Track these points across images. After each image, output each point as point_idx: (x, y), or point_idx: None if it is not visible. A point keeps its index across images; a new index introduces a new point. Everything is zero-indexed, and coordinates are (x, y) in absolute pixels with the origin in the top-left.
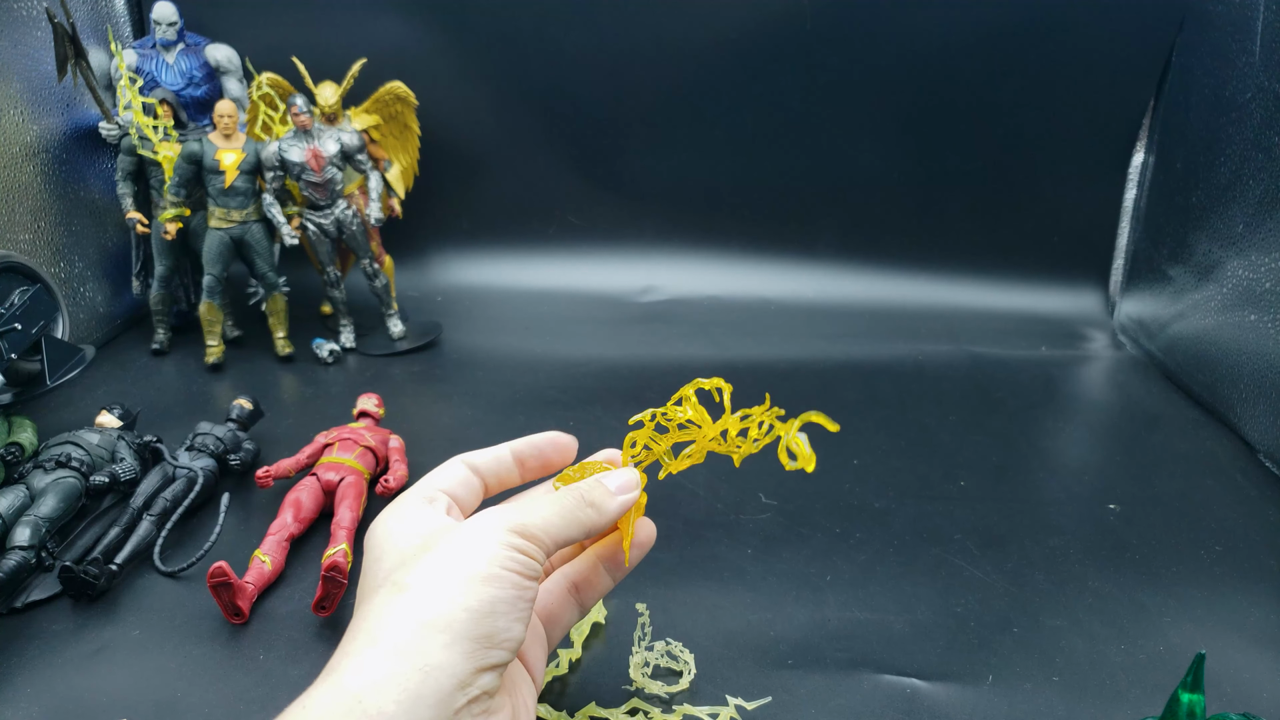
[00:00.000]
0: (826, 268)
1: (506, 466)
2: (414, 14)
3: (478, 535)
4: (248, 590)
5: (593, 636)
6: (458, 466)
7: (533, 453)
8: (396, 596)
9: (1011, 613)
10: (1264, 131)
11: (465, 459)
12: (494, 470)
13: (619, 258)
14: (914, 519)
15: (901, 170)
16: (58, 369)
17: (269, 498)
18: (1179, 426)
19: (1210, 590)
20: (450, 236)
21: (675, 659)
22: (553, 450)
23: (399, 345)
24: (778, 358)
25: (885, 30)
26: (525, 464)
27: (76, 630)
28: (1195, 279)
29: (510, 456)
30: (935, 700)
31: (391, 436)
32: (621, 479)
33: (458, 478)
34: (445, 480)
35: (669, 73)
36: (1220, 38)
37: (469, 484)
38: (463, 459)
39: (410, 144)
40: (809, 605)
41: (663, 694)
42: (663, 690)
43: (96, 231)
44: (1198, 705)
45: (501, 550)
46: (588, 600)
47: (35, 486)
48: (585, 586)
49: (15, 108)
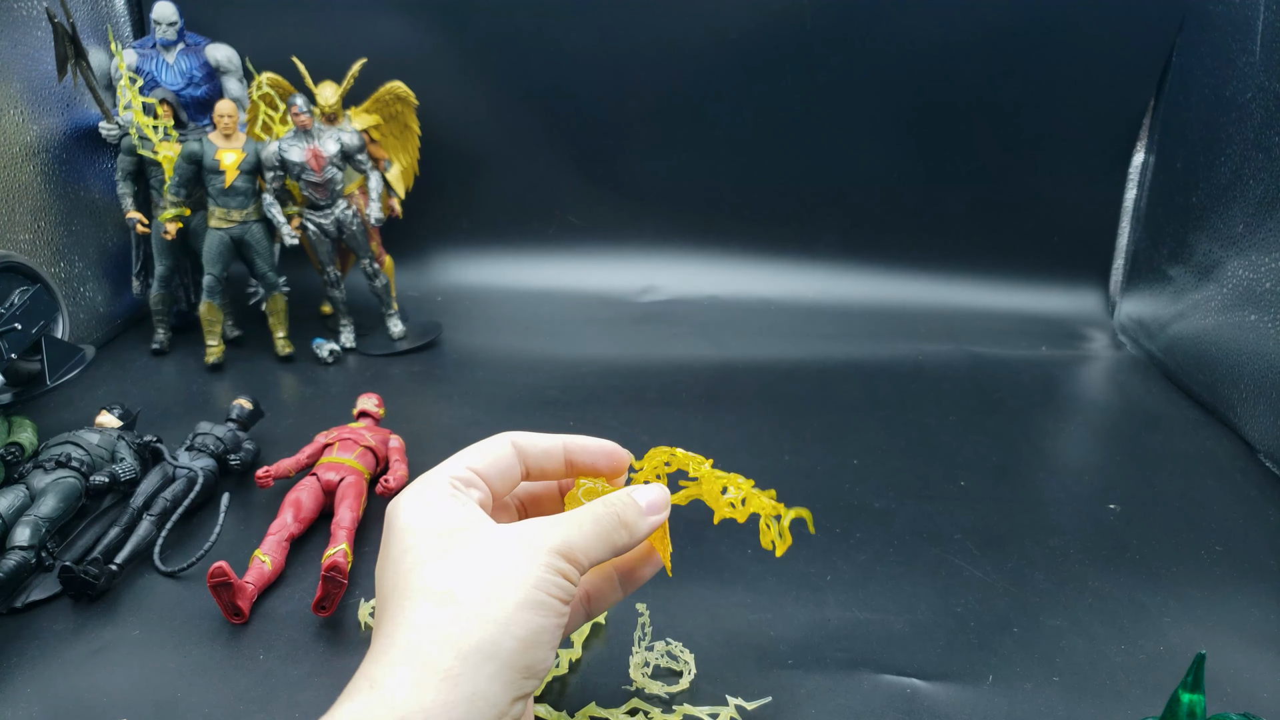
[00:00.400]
0: (826, 268)
1: (555, 461)
2: (414, 14)
3: (523, 554)
4: (248, 590)
5: (593, 636)
6: (503, 445)
7: (586, 457)
8: (440, 610)
9: (1011, 613)
10: (1264, 131)
11: (514, 439)
12: (540, 462)
13: (619, 258)
14: (914, 519)
15: (901, 170)
16: (58, 369)
17: (269, 498)
18: (1179, 426)
19: (1210, 590)
20: (450, 236)
21: (675, 659)
22: (605, 461)
23: (399, 345)
24: (778, 358)
25: (885, 30)
26: (574, 464)
27: (76, 630)
28: (1195, 279)
29: (563, 452)
30: (935, 700)
31: (391, 436)
32: (652, 497)
33: (498, 460)
34: (482, 460)
35: (669, 73)
36: (1220, 38)
37: (509, 469)
38: (511, 438)
39: (410, 144)
40: (809, 605)
41: (663, 694)
42: (663, 690)
43: (96, 231)
44: (1198, 705)
45: (546, 575)
46: (596, 610)
47: (35, 486)
48: (597, 597)
49: (15, 108)
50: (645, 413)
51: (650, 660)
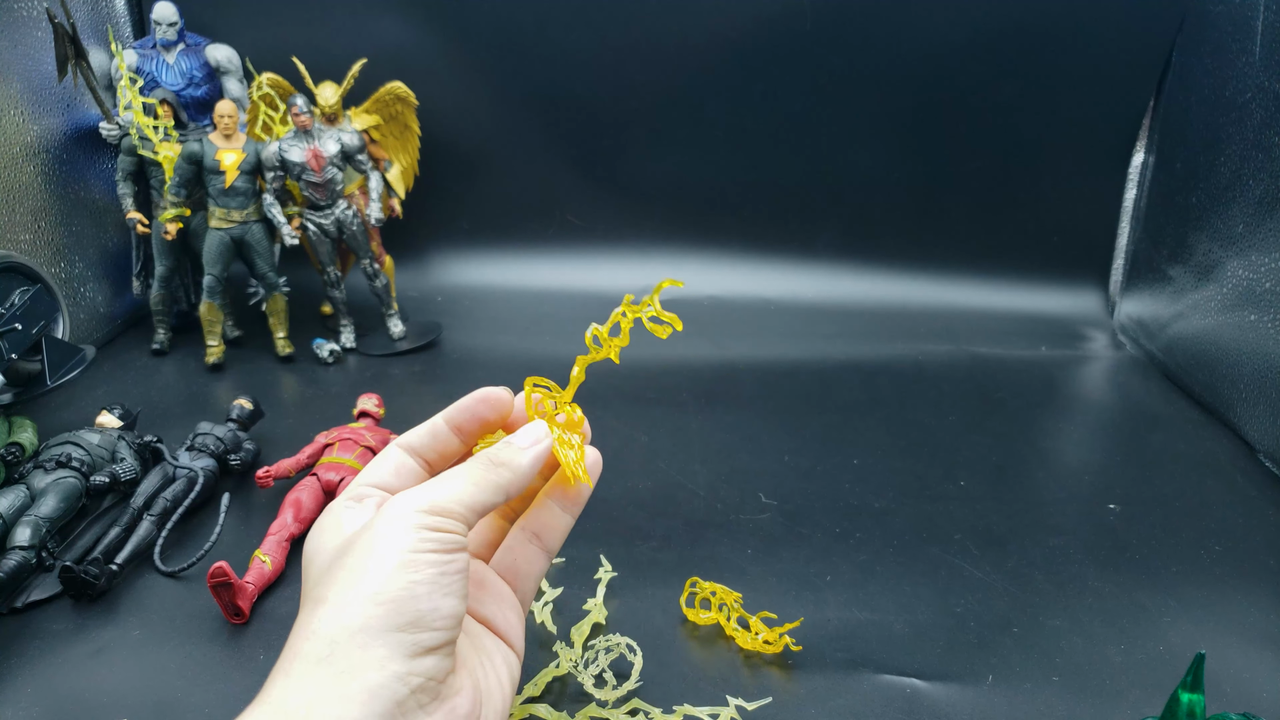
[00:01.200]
0: (826, 268)
1: (444, 438)
2: (414, 14)
3: (388, 525)
4: (248, 590)
5: (593, 636)
6: (392, 453)
7: (466, 416)
8: (315, 610)
9: (1011, 613)
10: (1264, 131)
11: (399, 442)
12: (431, 445)
13: (619, 258)
14: (914, 519)
15: (901, 170)
16: (58, 369)
17: (269, 498)
18: (1179, 426)
19: (1210, 590)
20: (450, 236)
21: (626, 654)
22: (485, 408)
23: (399, 345)
24: (778, 358)
25: (885, 30)
26: (462, 429)
27: (76, 630)
28: (1195, 279)
29: (445, 425)
30: (935, 700)
31: (392, 436)
32: (528, 434)
33: (390, 466)
34: (376, 474)
35: (669, 73)
36: (1220, 38)
37: (405, 469)
38: (397, 443)
39: (410, 144)
40: (809, 605)
41: (606, 697)
42: (608, 694)
43: (97, 231)
44: (1197, 705)
45: (413, 534)
46: (551, 543)
47: (36, 486)
48: (544, 531)
49: (16, 108)
50: (645, 413)
51: (594, 659)
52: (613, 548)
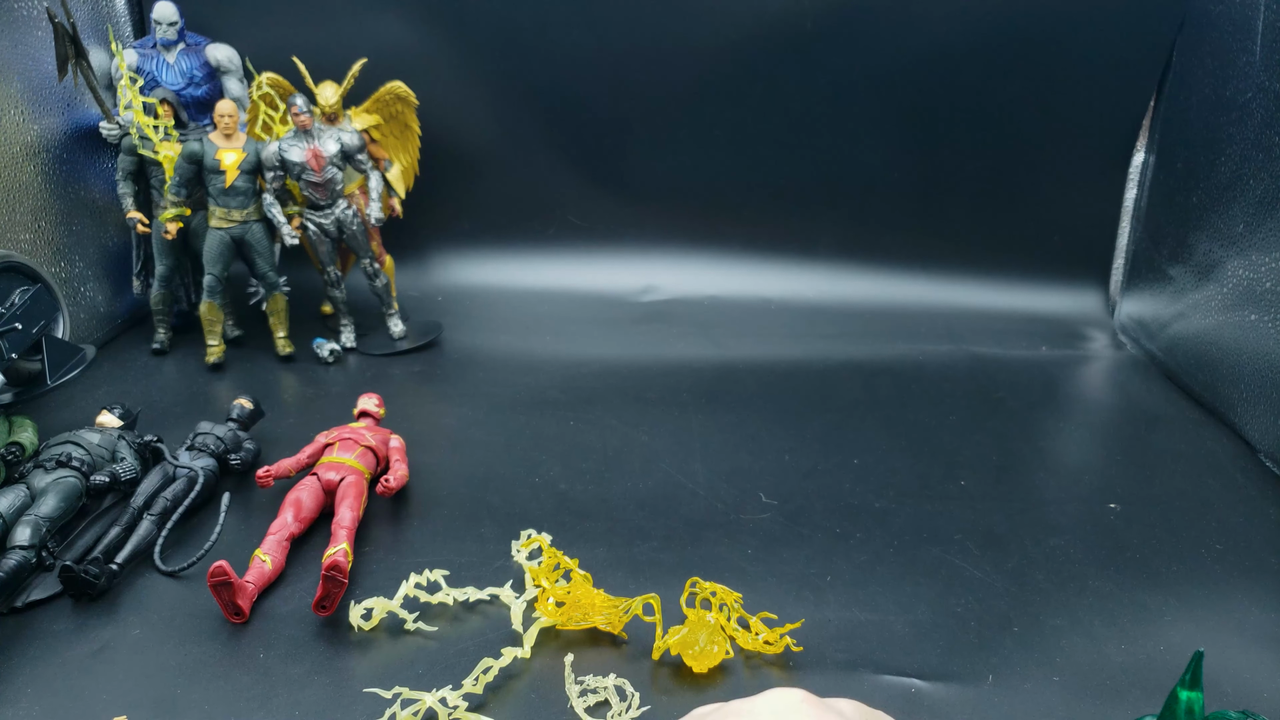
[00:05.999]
0: (826, 268)
1: None
2: (414, 14)
3: None
4: (248, 590)
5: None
6: None
7: None
8: None
9: (1011, 613)
10: (1264, 131)
11: None
12: None
13: (619, 258)
14: (914, 519)
15: (901, 170)
16: (58, 369)
17: (269, 498)
18: (1179, 426)
19: (1210, 590)
20: (450, 236)
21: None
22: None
23: (399, 345)
24: (778, 358)
25: (886, 30)
26: None
27: (76, 630)
28: (1195, 279)
29: None
30: (935, 700)
31: (392, 436)
32: None
33: None
34: None
35: (669, 72)
36: (1220, 38)
37: None
38: None
39: (410, 144)
40: (809, 605)
41: None
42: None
43: (97, 231)
44: (1196, 703)
45: None
46: None
47: (36, 486)
48: None
49: (15, 108)
50: (645, 413)
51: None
52: (613, 548)
